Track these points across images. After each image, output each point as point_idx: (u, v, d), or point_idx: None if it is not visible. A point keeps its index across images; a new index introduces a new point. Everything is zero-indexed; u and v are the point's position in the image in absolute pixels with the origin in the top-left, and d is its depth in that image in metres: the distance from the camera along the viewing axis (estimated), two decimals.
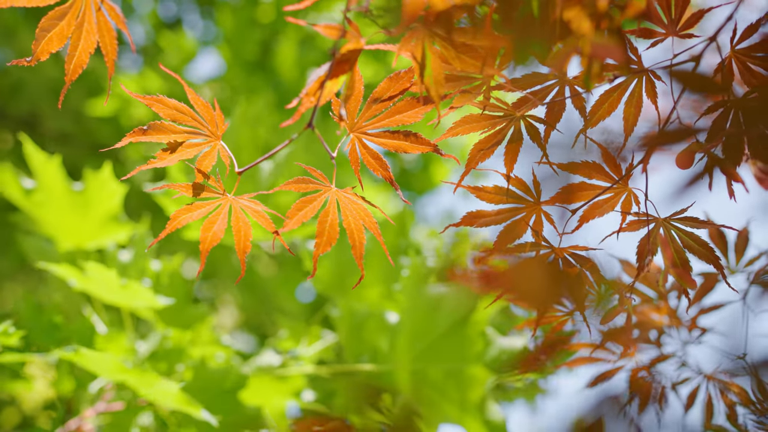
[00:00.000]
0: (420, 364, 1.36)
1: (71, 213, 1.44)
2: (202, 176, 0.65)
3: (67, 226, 1.45)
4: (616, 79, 0.71)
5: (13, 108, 3.07)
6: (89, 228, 1.45)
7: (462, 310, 1.34)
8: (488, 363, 1.32)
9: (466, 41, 0.64)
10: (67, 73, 0.62)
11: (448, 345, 1.35)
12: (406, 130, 0.69)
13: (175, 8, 3.49)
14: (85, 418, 1.30)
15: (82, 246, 1.47)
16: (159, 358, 1.35)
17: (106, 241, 1.48)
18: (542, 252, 0.73)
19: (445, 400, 1.34)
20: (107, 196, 1.45)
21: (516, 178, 0.73)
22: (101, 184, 1.44)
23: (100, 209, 1.45)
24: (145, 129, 0.62)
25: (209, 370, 1.32)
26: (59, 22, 0.61)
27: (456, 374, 1.34)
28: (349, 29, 0.63)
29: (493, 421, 1.32)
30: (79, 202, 1.43)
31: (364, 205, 0.68)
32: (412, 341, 1.37)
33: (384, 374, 1.39)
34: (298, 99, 0.64)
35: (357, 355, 1.48)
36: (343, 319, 1.49)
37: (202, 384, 1.30)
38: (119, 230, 1.47)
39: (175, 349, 1.37)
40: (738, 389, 0.98)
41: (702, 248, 0.74)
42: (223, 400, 1.29)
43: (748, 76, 0.70)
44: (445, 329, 1.35)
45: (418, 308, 1.37)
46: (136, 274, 1.44)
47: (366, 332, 1.46)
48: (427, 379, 1.36)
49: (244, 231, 0.67)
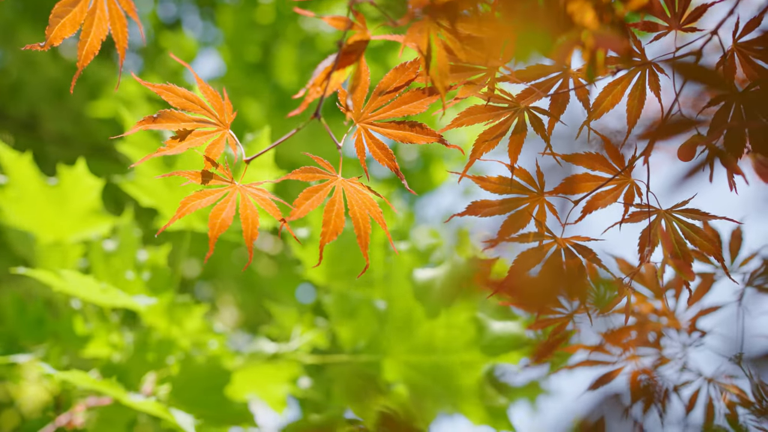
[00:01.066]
0: (411, 351, 1.36)
1: (48, 207, 1.43)
2: (211, 164, 0.66)
3: (45, 220, 1.44)
4: (619, 71, 0.72)
5: (12, 109, 3.07)
6: (69, 222, 1.45)
7: (451, 294, 1.34)
8: (483, 348, 1.31)
9: (471, 33, 0.65)
10: (79, 59, 0.63)
11: (439, 331, 1.34)
12: (412, 120, 0.69)
13: (175, 9, 3.50)
14: (77, 412, 1.30)
15: (63, 239, 1.47)
16: (147, 350, 1.35)
17: (88, 233, 1.48)
18: (545, 242, 0.74)
19: (440, 387, 1.33)
20: (83, 190, 1.44)
21: (520, 169, 0.74)
22: (76, 179, 1.43)
23: (77, 203, 1.45)
24: (155, 117, 0.63)
25: (195, 366, 1.32)
26: (72, 9, 0.62)
27: (449, 361, 1.33)
28: (356, 21, 0.64)
29: (493, 406, 1.31)
30: (55, 197, 1.43)
31: (369, 195, 0.69)
32: (402, 328, 1.36)
33: (376, 363, 1.39)
34: (305, 89, 0.64)
35: (351, 342, 1.48)
36: (335, 305, 1.49)
37: (189, 379, 1.30)
38: (100, 223, 1.47)
39: (165, 340, 1.36)
40: (737, 391, 0.99)
41: (703, 239, 0.75)
42: (209, 396, 1.29)
43: (750, 69, 0.71)
44: (435, 315, 1.34)
45: (405, 294, 1.36)
46: (122, 264, 1.44)
47: (359, 319, 1.46)
48: (420, 366, 1.35)
49: (251, 219, 0.68)
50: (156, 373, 1.35)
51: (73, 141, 3.11)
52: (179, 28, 3.42)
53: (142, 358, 1.35)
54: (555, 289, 0.76)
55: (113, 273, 1.46)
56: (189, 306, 1.40)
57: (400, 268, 1.37)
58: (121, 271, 1.45)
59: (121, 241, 1.47)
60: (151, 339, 1.36)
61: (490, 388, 1.31)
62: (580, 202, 0.75)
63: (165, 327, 1.39)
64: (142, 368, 1.34)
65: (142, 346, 1.36)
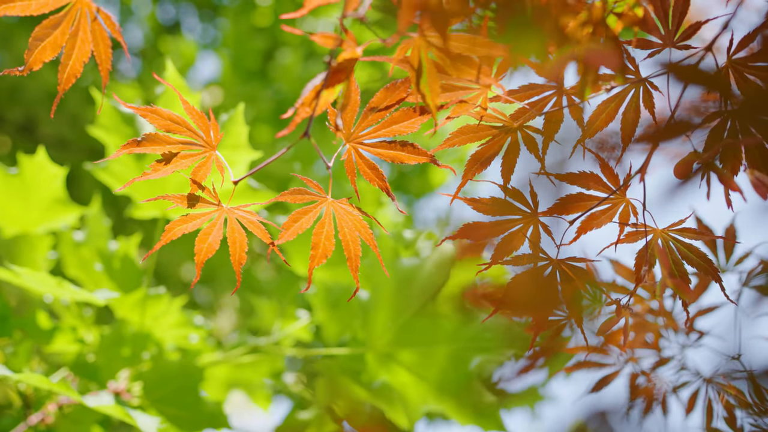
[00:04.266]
0: (393, 344, 1.29)
1: (10, 198, 1.39)
2: (197, 187, 0.65)
3: (8, 211, 1.41)
4: (613, 89, 0.71)
5: (9, 113, 3.06)
6: (34, 212, 1.41)
7: (435, 283, 1.26)
8: (470, 341, 1.24)
9: (462, 51, 0.63)
10: (60, 83, 0.61)
11: (422, 323, 1.27)
12: (403, 140, 0.68)
13: (174, 11, 3.49)
14: (48, 412, 1.27)
15: (28, 231, 1.43)
16: (121, 345, 1.31)
17: (55, 224, 1.44)
18: (540, 264, 0.73)
19: (423, 381, 1.27)
20: (46, 179, 1.40)
21: (513, 189, 0.73)
22: (38, 167, 1.39)
23: (42, 193, 1.41)
24: (139, 140, 0.62)
25: (167, 364, 1.28)
26: (53, 31, 0.61)
27: (433, 354, 1.26)
28: (345, 38, 0.63)
29: (482, 404, 1.23)
30: (17, 187, 1.39)
31: (360, 217, 0.68)
32: (385, 320, 1.30)
33: (360, 357, 1.33)
34: (294, 109, 0.63)
35: (335, 335, 1.44)
36: (318, 296, 1.45)
37: (161, 377, 1.26)
38: (66, 213, 1.43)
39: (139, 334, 1.32)
40: (735, 392, 0.98)
41: (700, 260, 0.74)
42: (182, 396, 1.25)
43: (744, 85, 0.69)
44: (419, 305, 1.27)
45: (388, 284, 1.30)
46: (92, 254, 1.41)
47: (342, 311, 1.42)
48: (402, 360, 1.29)
49: (239, 242, 0.66)
50: (130, 369, 1.31)
51: (70, 144, 3.10)
52: (178, 30, 3.41)
53: (115, 354, 1.30)
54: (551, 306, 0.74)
55: (83, 263, 1.43)
56: (163, 299, 1.34)
57: (384, 255, 1.31)
58: (91, 262, 1.41)
59: (90, 230, 1.43)
60: (125, 333, 1.32)
61: (480, 385, 1.23)
62: (575, 222, 0.73)
63: (138, 321, 1.34)
64: (115, 364, 1.30)
65: (115, 341, 1.31)
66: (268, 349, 1.48)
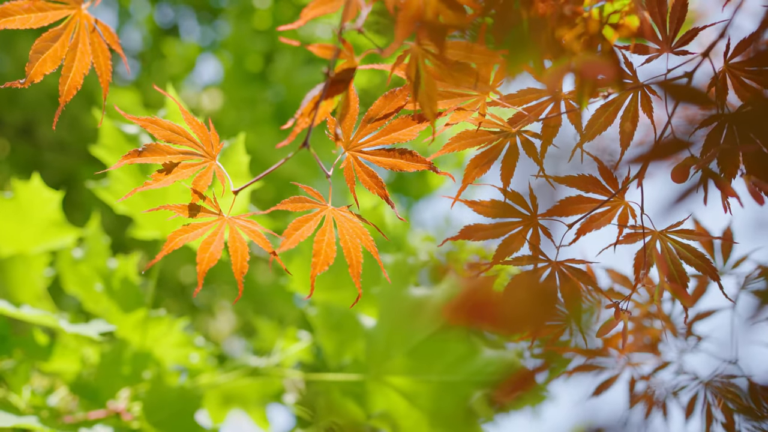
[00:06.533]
0: (395, 371, 1.29)
1: (5, 221, 1.41)
2: (198, 197, 0.65)
3: (3, 233, 1.42)
4: (610, 95, 0.71)
5: (8, 115, 3.06)
6: (30, 234, 1.43)
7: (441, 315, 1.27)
8: (472, 375, 1.24)
9: (459, 59, 0.64)
10: (61, 95, 0.62)
11: (426, 354, 1.27)
12: (402, 148, 0.69)
13: (172, 14, 3.49)
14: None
15: (25, 251, 1.44)
16: (121, 363, 1.31)
17: (51, 245, 1.45)
18: (539, 265, 0.74)
19: (418, 410, 1.26)
20: (41, 203, 1.42)
21: (512, 192, 0.73)
22: (33, 192, 1.41)
23: (37, 216, 1.42)
24: (140, 151, 0.62)
25: (166, 388, 1.29)
26: (53, 44, 0.61)
27: (431, 384, 1.26)
28: (343, 48, 0.63)
29: None
30: (12, 211, 1.41)
31: (360, 224, 0.68)
32: (389, 349, 1.30)
33: (361, 383, 1.33)
34: (293, 119, 0.64)
35: (335, 356, 1.44)
36: (319, 318, 1.45)
37: (159, 400, 1.27)
38: (63, 234, 1.44)
39: (139, 354, 1.33)
40: (733, 396, 0.98)
41: (698, 260, 0.75)
42: (180, 420, 1.26)
43: (741, 90, 0.70)
44: (424, 336, 1.28)
45: (396, 313, 1.30)
46: (91, 272, 1.42)
47: (343, 333, 1.42)
48: (400, 387, 1.29)
49: (240, 251, 0.67)
50: (130, 389, 1.32)
51: (70, 147, 3.11)
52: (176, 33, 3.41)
53: (115, 372, 1.31)
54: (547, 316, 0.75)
55: (83, 281, 1.44)
56: (164, 320, 1.35)
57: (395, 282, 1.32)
58: (91, 279, 1.42)
59: (89, 248, 1.44)
60: (125, 352, 1.32)
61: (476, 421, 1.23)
62: (574, 224, 0.74)
63: (139, 340, 1.35)
64: (115, 383, 1.30)
65: (115, 360, 1.32)
66: (268, 371, 1.48)
